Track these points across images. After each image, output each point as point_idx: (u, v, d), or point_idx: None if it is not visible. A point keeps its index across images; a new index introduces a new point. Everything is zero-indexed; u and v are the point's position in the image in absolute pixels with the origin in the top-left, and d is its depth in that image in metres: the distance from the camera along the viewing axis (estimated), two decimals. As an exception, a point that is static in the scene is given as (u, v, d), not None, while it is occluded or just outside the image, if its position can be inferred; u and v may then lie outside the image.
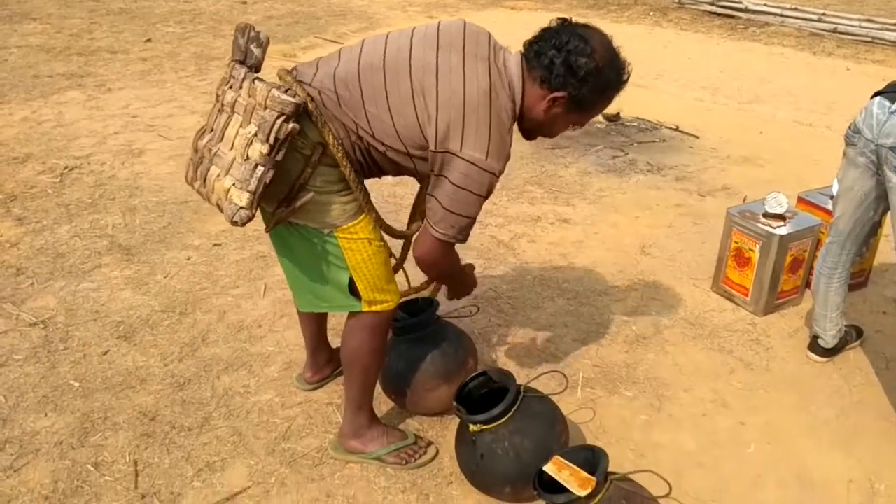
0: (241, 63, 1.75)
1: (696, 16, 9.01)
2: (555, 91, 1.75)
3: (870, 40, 7.68)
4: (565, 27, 1.76)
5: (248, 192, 1.65)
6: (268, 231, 1.89)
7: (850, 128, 2.33)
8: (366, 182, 1.89)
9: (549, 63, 1.73)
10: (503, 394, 1.95)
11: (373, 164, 1.86)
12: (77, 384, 2.45)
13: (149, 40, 7.24)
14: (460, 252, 2.09)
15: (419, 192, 2.16)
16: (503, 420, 1.91)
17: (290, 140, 1.66)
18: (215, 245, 3.38)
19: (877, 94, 2.27)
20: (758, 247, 2.82)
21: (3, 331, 2.72)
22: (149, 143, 4.62)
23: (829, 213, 2.74)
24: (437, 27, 1.80)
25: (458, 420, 2.06)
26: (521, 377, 2.48)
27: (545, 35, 1.77)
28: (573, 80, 1.73)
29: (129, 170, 4.20)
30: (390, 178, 2.04)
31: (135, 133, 4.78)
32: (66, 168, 4.19)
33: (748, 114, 5.57)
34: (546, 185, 4.13)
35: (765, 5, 8.74)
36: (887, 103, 2.20)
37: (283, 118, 1.62)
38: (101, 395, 2.40)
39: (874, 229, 2.49)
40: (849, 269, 2.52)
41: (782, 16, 8.49)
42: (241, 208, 1.66)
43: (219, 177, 1.72)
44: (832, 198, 2.57)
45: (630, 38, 6.92)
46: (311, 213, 1.80)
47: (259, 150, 1.64)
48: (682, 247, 3.45)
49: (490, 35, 1.83)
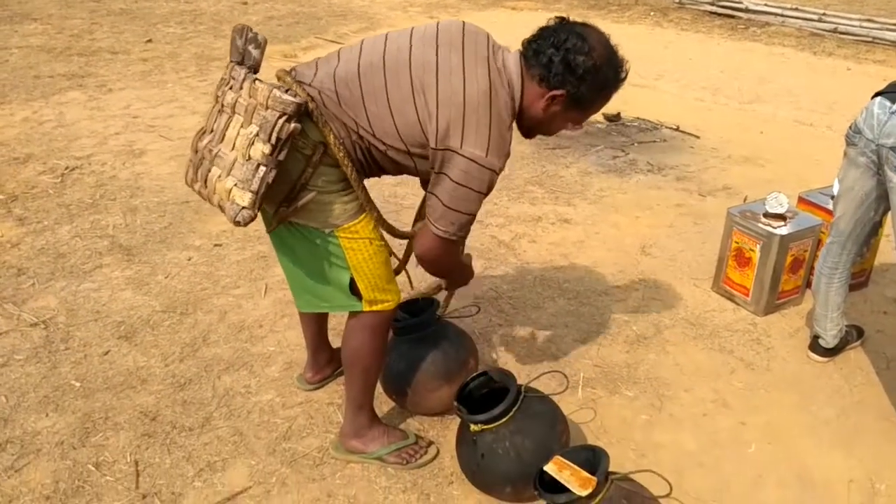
0: (240, 64, 1.75)
1: (697, 16, 9.01)
2: (553, 89, 1.76)
3: (870, 40, 7.68)
4: (563, 26, 1.77)
5: (251, 192, 1.66)
6: (269, 231, 1.89)
7: (850, 128, 2.33)
8: (366, 182, 1.89)
9: (547, 61, 1.73)
10: (504, 394, 1.95)
11: (373, 163, 1.86)
12: (78, 384, 2.45)
13: (149, 41, 7.24)
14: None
15: (426, 196, 2.15)
16: (504, 420, 1.91)
17: (292, 140, 1.67)
18: (216, 245, 3.38)
19: (877, 95, 2.27)
20: (758, 247, 2.82)
21: (4, 331, 2.73)
22: (150, 143, 4.62)
23: (829, 213, 2.74)
24: (437, 27, 1.81)
25: (458, 420, 2.07)
26: (521, 377, 2.47)
27: (543, 34, 1.77)
28: (572, 78, 1.73)
29: (129, 170, 4.20)
30: (391, 178, 2.05)
31: (136, 133, 4.78)
32: (66, 168, 4.19)
33: (749, 114, 5.57)
34: (547, 185, 4.13)
35: (765, 5, 8.74)
36: (888, 103, 2.20)
37: (284, 118, 1.62)
38: (102, 395, 2.40)
39: (875, 229, 2.49)
40: (849, 269, 2.52)
41: (783, 16, 8.49)
42: (244, 208, 1.67)
43: (220, 177, 1.72)
44: (833, 198, 2.56)
45: (630, 38, 6.94)
46: (312, 212, 1.80)
47: (261, 150, 1.64)
48: (682, 247, 3.45)
49: (489, 35, 1.83)
